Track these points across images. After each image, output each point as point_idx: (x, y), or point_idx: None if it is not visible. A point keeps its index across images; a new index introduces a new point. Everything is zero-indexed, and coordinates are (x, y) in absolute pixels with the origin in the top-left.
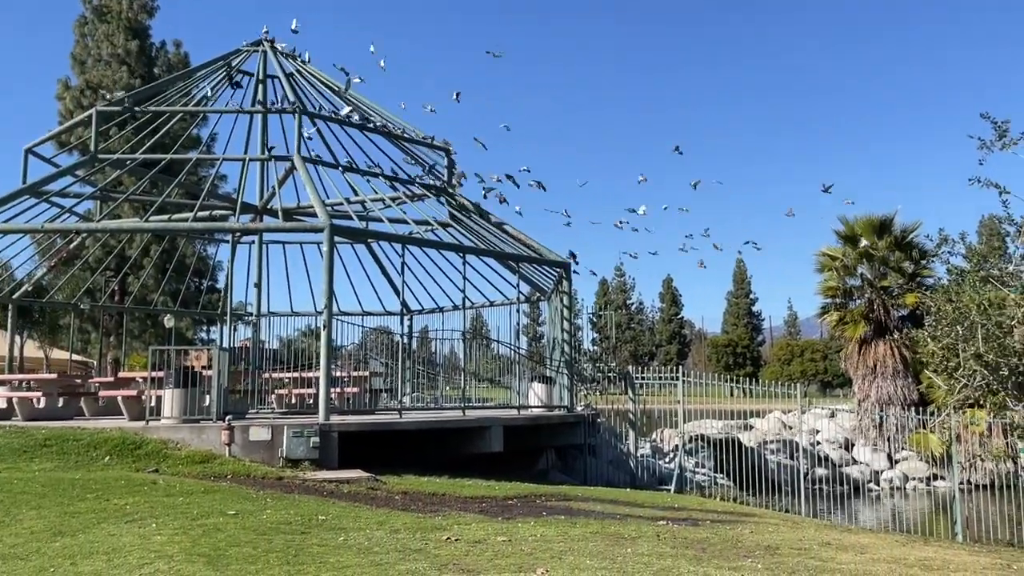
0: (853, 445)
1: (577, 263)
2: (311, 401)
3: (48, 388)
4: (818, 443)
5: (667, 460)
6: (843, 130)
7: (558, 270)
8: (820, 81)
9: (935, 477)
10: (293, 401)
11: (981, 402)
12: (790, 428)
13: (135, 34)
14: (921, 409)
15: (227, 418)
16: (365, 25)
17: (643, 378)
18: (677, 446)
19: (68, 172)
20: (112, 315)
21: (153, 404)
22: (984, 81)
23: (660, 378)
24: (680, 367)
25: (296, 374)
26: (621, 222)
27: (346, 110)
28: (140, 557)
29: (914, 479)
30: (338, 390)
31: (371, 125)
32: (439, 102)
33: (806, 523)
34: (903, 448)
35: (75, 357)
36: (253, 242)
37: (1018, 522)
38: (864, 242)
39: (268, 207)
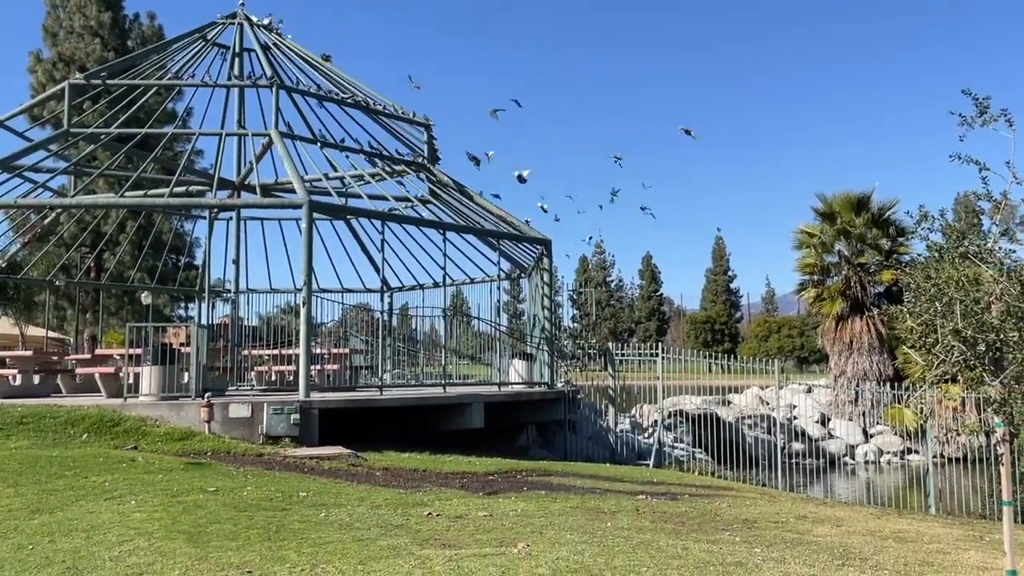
0: (829, 420)
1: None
2: (291, 378)
3: (24, 365)
4: (795, 418)
5: (646, 435)
6: (823, 108)
7: (539, 247)
8: (800, 58)
9: (909, 451)
10: (273, 378)
11: (957, 377)
12: (767, 403)
13: (108, 5)
14: (896, 384)
15: (206, 395)
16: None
17: (623, 355)
18: (656, 421)
19: (41, 146)
20: (88, 292)
21: (131, 381)
22: (964, 59)
23: (639, 354)
24: (659, 344)
25: (276, 351)
26: (614, 193)
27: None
28: (120, 534)
29: (888, 453)
30: (318, 367)
31: (350, 100)
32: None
33: (783, 497)
34: (878, 423)
35: (51, 334)
36: (231, 218)
37: (989, 494)
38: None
39: (246, 183)
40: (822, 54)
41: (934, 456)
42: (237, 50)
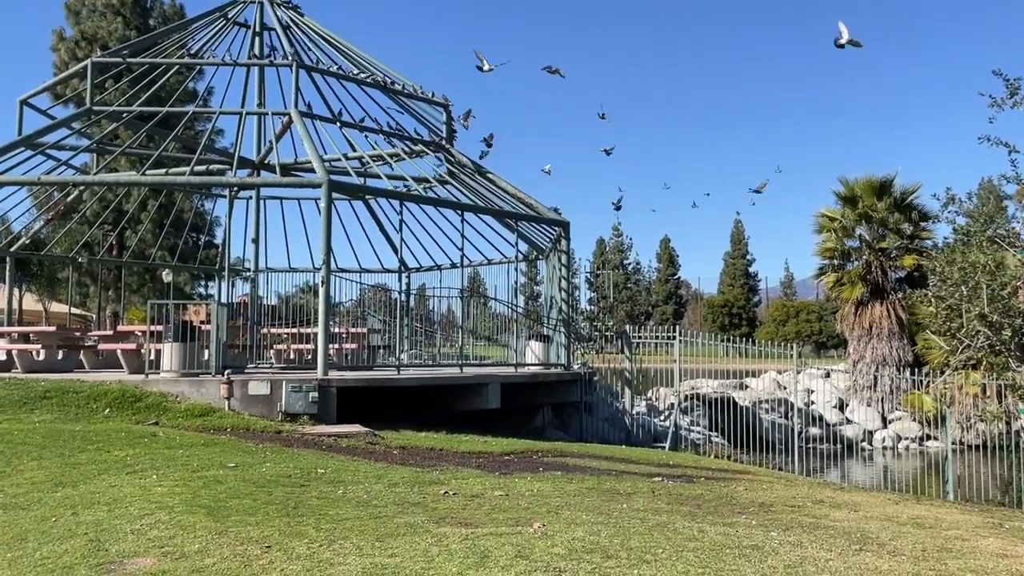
0: (847, 405)
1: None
2: (309, 357)
3: (48, 341)
4: (812, 403)
5: (662, 418)
6: (847, 91)
7: (556, 229)
8: (823, 42)
9: (927, 437)
10: (292, 356)
11: (981, 363)
12: (784, 388)
13: None
14: (916, 370)
15: (226, 372)
16: None
17: (639, 337)
18: (672, 404)
19: (64, 124)
20: (110, 269)
21: (152, 358)
22: (990, 42)
23: (656, 337)
24: (676, 327)
25: (294, 330)
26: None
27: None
28: (141, 508)
29: (906, 439)
30: (336, 346)
31: (369, 79)
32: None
33: (800, 481)
34: (896, 408)
35: (74, 310)
36: (251, 197)
37: (1009, 482)
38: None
39: (265, 162)
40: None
41: (953, 443)
42: (257, 29)
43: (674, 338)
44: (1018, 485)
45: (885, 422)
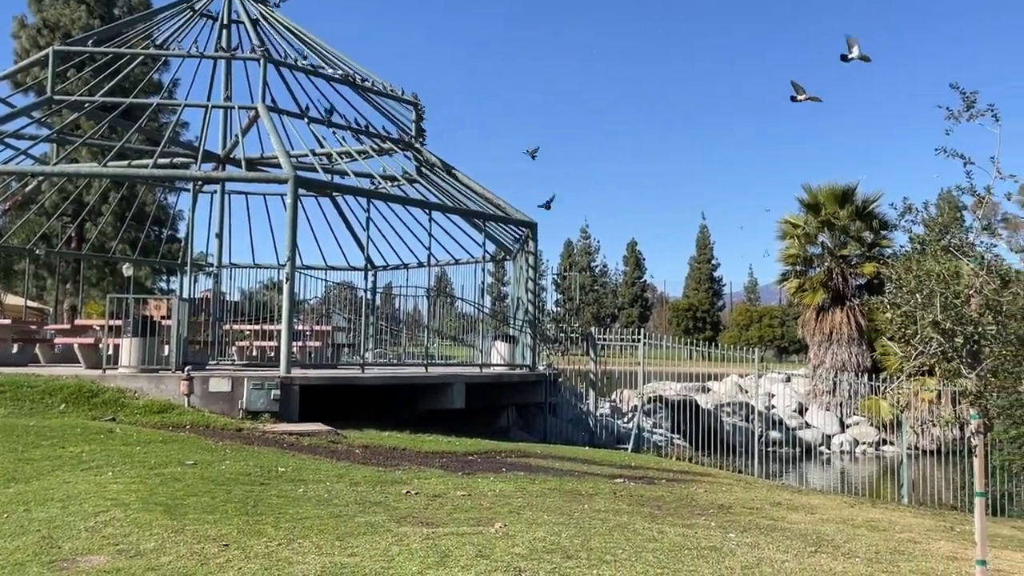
0: (807, 409)
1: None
2: (272, 354)
3: (2, 334)
4: (773, 407)
5: (626, 420)
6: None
7: (524, 230)
8: (784, 50)
9: (884, 442)
10: (254, 353)
11: (934, 370)
12: (746, 391)
13: None
14: (874, 376)
15: (186, 368)
16: None
17: (605, 339)
18: (636, 406)
19: (23, 113)
20: (69, 262)
21: (111, 353)
22: (948, 55)
23: (621, 340)
24: (641, 330)
25: (258, 327)
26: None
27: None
28: (96, 505)
29: (864, 444)
30: (300, 344)
31: (338, 75)
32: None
33: (759, 484)
34: (855, 413)
35: (30, 303)
36: (215, 191)
37: (961, 487)
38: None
39: (231, 156)
40: (811, 43)
41: (908, 448)
42: (225, 21)
43: (639, 341)
44: (970, 490)
45: (843, 427)
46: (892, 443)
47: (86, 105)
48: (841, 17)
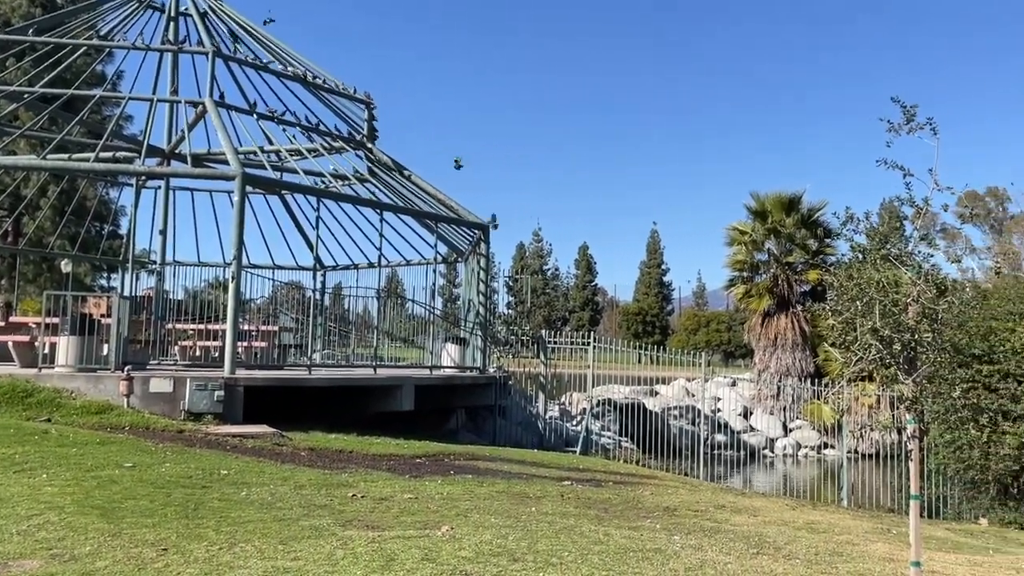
0: (751, 413)
1: (496, 227)
2: (216, 354)
3: None
4: (719, 410)
5: (575, 423)
6: (756, 110)
7: (476, 232)
8: (733, 61)
9: (825, 446)
10: (197, 353)
11: (873, 375)
12: (693, 395)
13: None
14: (817, 381)
15: (126, 368)
16: None
17: (555, 342)
18: (585, 410)
19: None
20: (4, 257)
21: (47, 351)
22: (893, 68)
23: (571, 343)
24: (592, 333)
25: (202, 326)
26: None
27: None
28: (29, 508)
29: (806, 447)
30: (245, 344)
31: (290, 72)
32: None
33: (704, 486)
34: (798, 417)
35: None
36: (159, 187)
37: (899, 490)
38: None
39: (176, 151)
40: (765, 54)
41: (848, 451)
42: (173, 13)
43: (588, 344)
44: (906, 493)
45: (787, 430)
46: (833, 447)
47: (25, 96)
48: (776, 29)
